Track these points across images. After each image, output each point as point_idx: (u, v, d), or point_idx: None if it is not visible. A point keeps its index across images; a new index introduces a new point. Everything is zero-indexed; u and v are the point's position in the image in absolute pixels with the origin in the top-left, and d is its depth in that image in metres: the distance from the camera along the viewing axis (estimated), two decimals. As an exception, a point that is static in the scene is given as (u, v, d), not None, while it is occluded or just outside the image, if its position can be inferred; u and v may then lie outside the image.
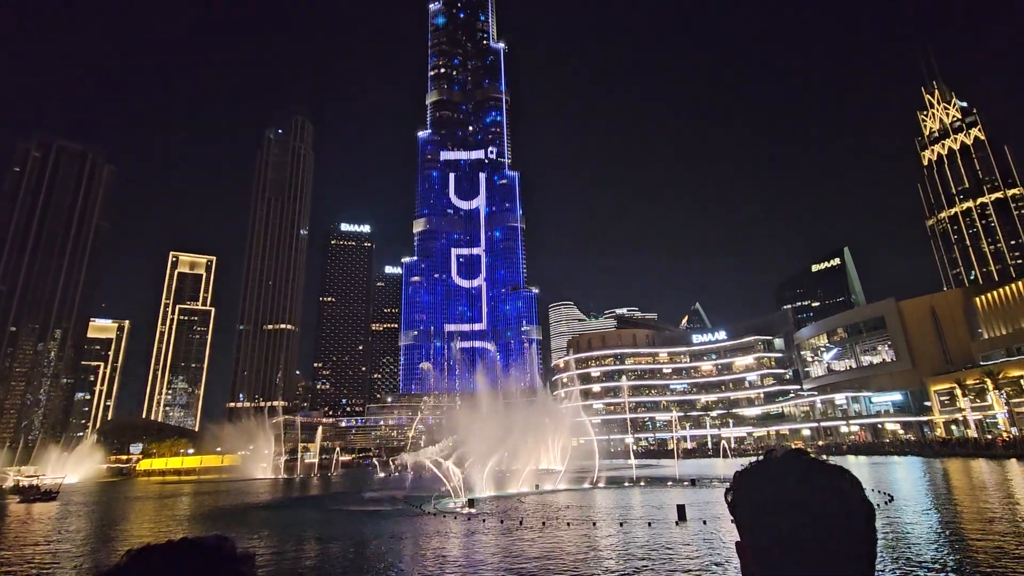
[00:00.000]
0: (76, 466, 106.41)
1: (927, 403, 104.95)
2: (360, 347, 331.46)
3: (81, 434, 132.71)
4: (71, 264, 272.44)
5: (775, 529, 1.17)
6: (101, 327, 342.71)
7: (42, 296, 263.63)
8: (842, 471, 1.23)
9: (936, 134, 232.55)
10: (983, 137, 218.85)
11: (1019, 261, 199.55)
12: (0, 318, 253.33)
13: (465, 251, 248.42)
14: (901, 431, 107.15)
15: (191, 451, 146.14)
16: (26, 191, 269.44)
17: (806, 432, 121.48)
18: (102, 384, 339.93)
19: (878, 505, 28.97)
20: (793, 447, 1.33)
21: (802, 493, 1.17)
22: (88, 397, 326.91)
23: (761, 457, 1.29)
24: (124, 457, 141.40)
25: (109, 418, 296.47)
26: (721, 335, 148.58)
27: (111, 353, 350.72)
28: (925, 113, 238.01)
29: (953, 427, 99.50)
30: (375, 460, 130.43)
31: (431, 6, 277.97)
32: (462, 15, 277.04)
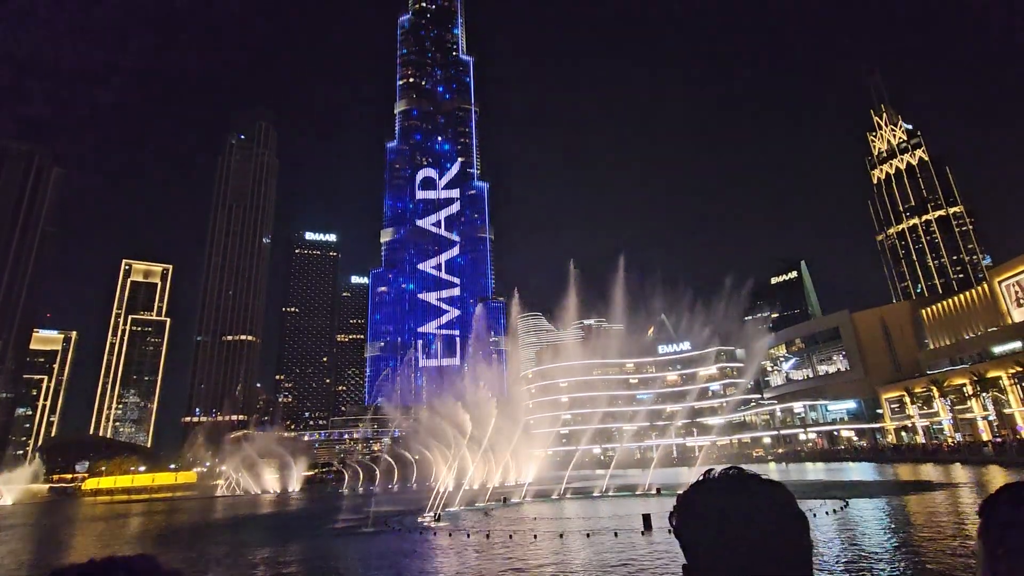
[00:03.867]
0: (14, 486, 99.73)
1: (879, 411, 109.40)
2: (324, 359, 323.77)
3: (21, 452, 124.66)
4: (13, 271, 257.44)
5: (714, 543, 1.21)
6: (45, 338, 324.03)
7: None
8: (775, 484, 1.28)
9: (884, 154, 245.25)
10: (927, 158, 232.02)
11: (960, 276, 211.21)
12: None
13: (433, 261, 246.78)
14: (855, 438, 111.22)
15: (143, 468, 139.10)
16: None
17: (767, 440, 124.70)
18: (45, 399, 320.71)
19: (833, 511, 29.90)
20: (728, 466, 1.37)
21: (738, 506, 1.21)
22: (29, 412, 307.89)
23: (700, 477, 1.32)
24: (69, 476, 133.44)
25: (53, 434, 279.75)
26: (685, 345, 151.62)
27: (56, 366, 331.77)
28: (874, 134, 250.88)
29: (903, 433, 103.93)
30: (337, 471, 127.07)
31: (401, 18, 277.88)
32: (432, 27, 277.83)
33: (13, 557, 31.85)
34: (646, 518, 27.76)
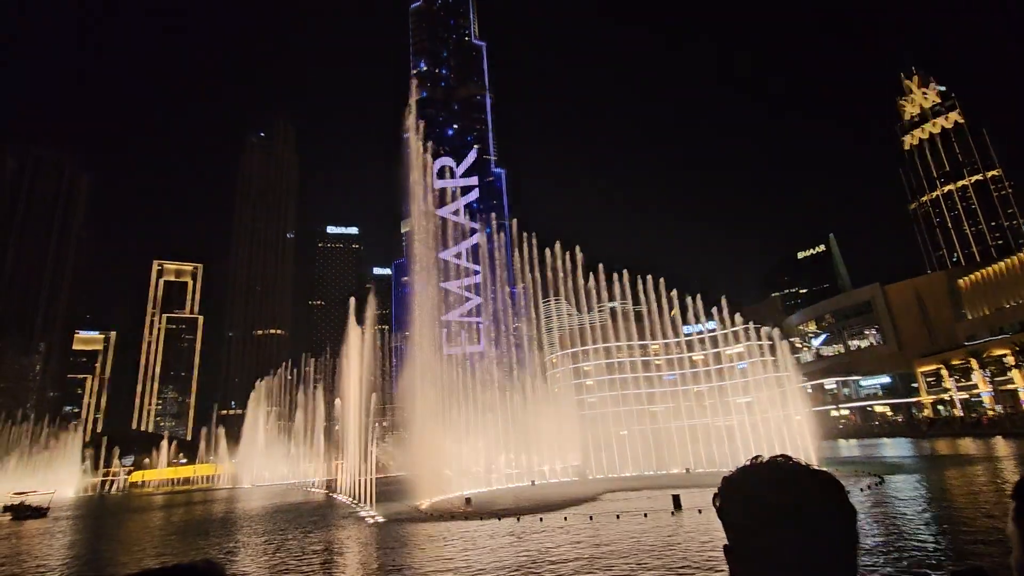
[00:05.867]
0: (66, 481, 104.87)
1: (914, 385, 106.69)
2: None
3: (71, 448, 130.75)
4: (53, 276, 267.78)
5: (759, 538, 1.20)
6: (87, 339, 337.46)
7: (25, 310, 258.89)
8: (825, 474, 1.27)
9: (916, 119, 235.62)
10: (962, 121, 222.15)
11: (1000, 242, 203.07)
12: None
13: (454, 249, 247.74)
14: (890, 413, 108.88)
15: (184, 460, 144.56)
16: (2, 203, 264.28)
17: (797, 418, 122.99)
18: (90, 396, 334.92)
19: (868, 487, 29.47)
20: (778, 453, 1.36)
21: (785, 502, 1.20)
22: (76, 410, 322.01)
23: (748, 462, 1.32)
24: (115, 469, 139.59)
25: (99, 430, 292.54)
26: (711, 325, 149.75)
27: (98, 365, 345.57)
28: (904, 99, 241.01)
29: (940, 407, 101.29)
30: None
31: (412, 5, 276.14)
32: (443, 13, 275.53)
33: (72, 550, 33.64)
34: (675, 498, 27.82)
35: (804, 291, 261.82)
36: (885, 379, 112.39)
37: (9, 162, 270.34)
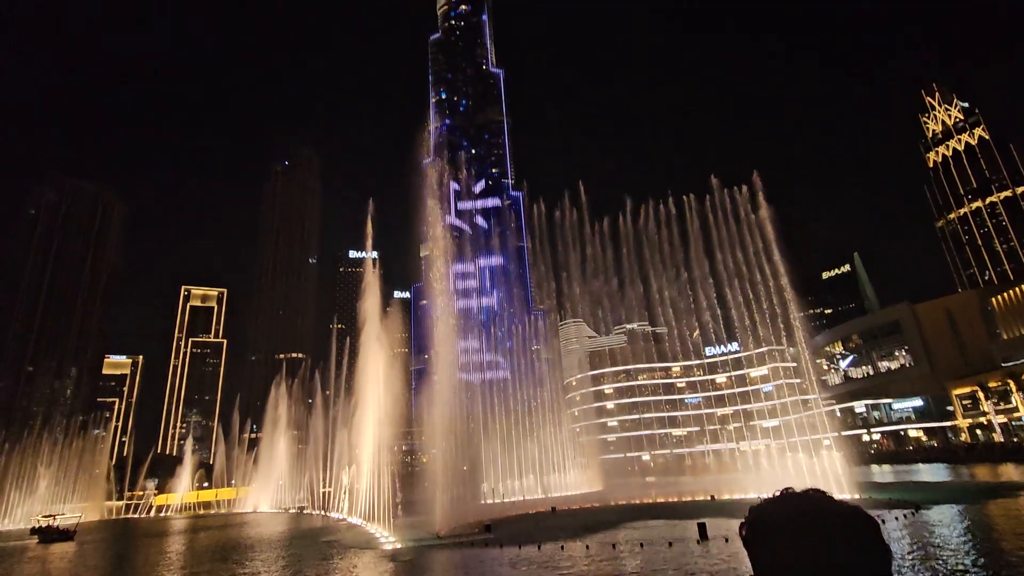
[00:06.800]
0: (93, 503, 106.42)
1: (949, 408, 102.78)
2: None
3: (98, 471, 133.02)
4: (86, 303, 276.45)
5: (786, 565, 1.14)
6: (116, 363, 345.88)
7: (58, 335, 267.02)
8: (858, 511, 1.19)
9: (939, 135, 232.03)
10: (987, 136, 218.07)
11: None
12: (18, 358, 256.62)
13: (474, 280, 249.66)
14: (924, 438, 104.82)
15: (206, 484, 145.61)
16: (41, 232, 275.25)
17: (826, 442, 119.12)
18: (117, 420, 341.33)
19: (904, 515, 28.29)
20: (809, 487, 1.28)
21: (815, 541, 1.13)
22: (104, 433, 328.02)
23: (777, 494, 1.25)
24: (140, 492, 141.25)
25: (125, 454, 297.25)
26: (733, 346, 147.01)
27: (126, 389, 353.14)
28: (926, 115, 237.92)
29: (978, 431, 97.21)
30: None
31: (431, 37, 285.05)
32: (461, 44, 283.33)
33: (95, 573, 34.00)
34: (701, 527, 27.08)
35: (829, 311, 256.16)
36: (918, 402, 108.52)
37: (49, 193, 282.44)
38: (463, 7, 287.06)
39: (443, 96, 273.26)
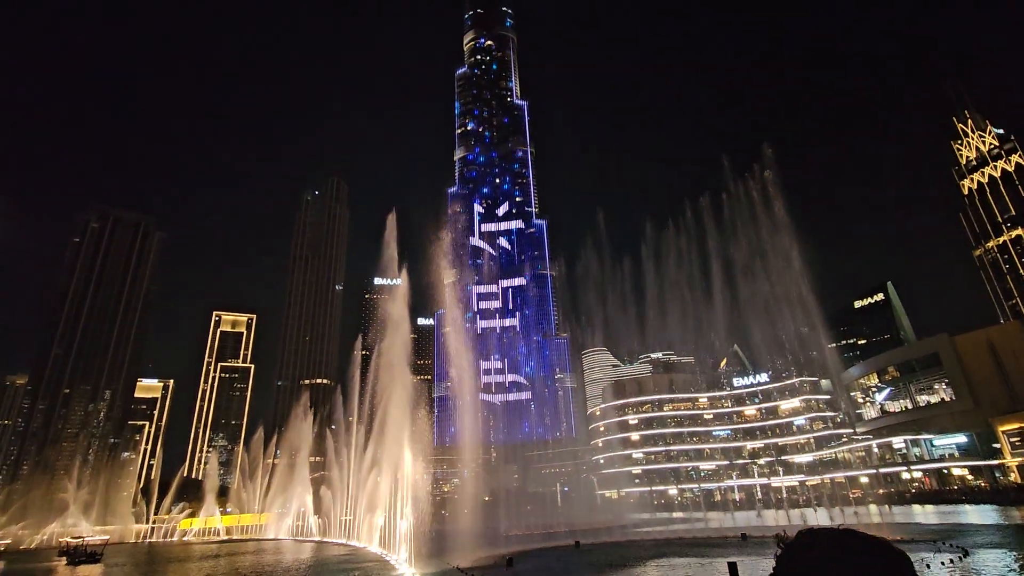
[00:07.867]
0: (120, 526, 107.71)
1: (996, 445, 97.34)
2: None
3: (126, 494, 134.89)
4: (122, 327, 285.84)
5: None
6: (147, 387, 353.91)
7: (94, 359, 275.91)
8: (893, 550, 1.18)
9: (974, 163, 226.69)
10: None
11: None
12: (55, 380, 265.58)
13: (496, 302, 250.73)
14: (970, 476, 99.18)
15: (229, 509, 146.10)
16: (83, 259, 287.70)
17: (864, 480, 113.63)
18: (147, 443, 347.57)
19: (950, 560, 26.71)
20: (842, 527, 1.31)
21: (847, 570, 1.17)
22: (133, 456, 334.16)
23: (809, 528, 1.25)
24: (166, 516, 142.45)
25: (153, 477, 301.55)
26: (763, 377, 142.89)
27: (156, 412, 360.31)
28: (959, 142, 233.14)
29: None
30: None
31: (458, 71, 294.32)
32: (487, 76, 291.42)
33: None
34: (732, 566, 26.06)
35: (863, 342, 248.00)
36: (961, 438, 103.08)
37: (92, 224, 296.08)
38: (488, 43, 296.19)
39: (469, 128, 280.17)
